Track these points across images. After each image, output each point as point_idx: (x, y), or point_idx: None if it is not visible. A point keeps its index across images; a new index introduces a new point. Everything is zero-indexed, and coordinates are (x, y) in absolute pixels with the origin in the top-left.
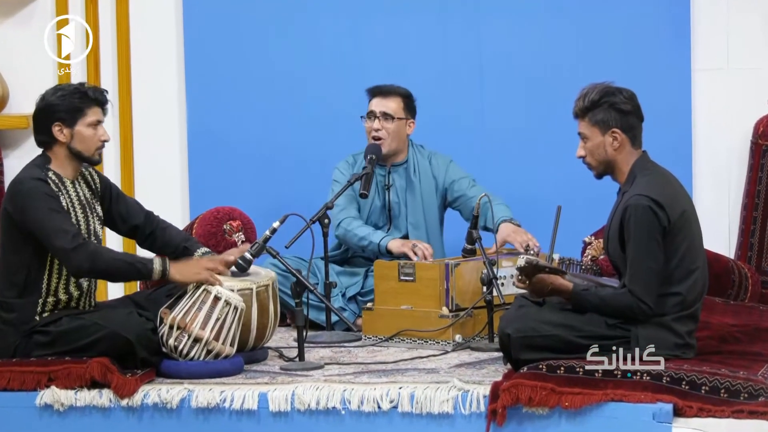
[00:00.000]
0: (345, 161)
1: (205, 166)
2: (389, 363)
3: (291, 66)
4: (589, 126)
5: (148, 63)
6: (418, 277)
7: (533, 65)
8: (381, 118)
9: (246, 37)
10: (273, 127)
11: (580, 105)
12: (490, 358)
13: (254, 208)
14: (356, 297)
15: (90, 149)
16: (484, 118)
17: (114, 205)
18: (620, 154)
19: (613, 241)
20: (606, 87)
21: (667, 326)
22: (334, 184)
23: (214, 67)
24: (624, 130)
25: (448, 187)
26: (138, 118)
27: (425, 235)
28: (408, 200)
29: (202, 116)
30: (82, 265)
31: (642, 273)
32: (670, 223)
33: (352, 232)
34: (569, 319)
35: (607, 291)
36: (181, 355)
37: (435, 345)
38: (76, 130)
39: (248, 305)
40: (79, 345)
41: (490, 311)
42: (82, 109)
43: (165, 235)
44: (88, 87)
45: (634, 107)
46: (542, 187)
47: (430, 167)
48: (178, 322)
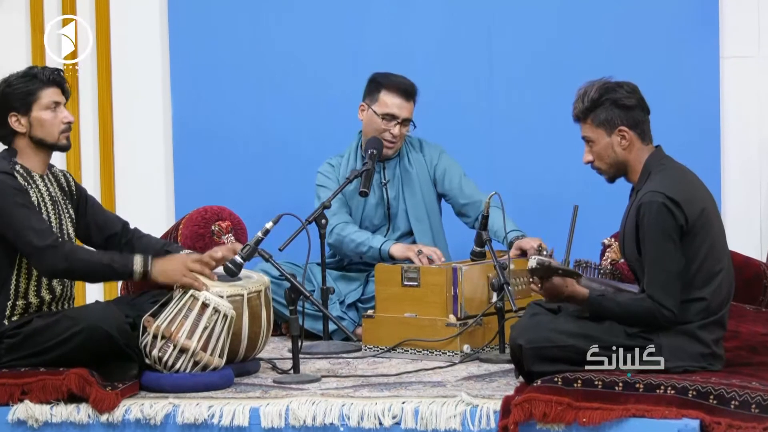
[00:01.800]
0: (328, 164)
1: (191, 161)
2: (391, 375)
3: (285, 53)
4: (593, 128)
5: (129, 50)
6: (423, 282)
7: (547, 54)
8: (402, 123)
9: (236, 23)
10: (266, 120)
11: (579, 106)
12: (501, 370)
13: (245, 207)
14: (356, 304)
15: (53, 134)
16: (492, 110)
17: (90, 214)
18: (631, 152)
19: (629, 243)
20: (604, 83)
21: (691, 334)
22: (320, 189)
23: (201, 54)
24: (631, 126)
25: (440, 176)
26: (118, 110)
27: (429, 229)
28: (406, 193)
29: (188, 107)
30: (55, 265)
31: (660, 276)
32: (688, 223)
33: (348, 238)
34: (587, 329)
35: (625, 296)
36: (165, 367)
37: (441, 356)
38: (32, 116)
39: (239, 313)
40: (52, 343)
41: (501, 319)
42: (33, 93)
43: (142, 243)
44: (38, 68)
45: (638, 100)
46: (557, 184)
47: (422, 156)
48: (163, 331)
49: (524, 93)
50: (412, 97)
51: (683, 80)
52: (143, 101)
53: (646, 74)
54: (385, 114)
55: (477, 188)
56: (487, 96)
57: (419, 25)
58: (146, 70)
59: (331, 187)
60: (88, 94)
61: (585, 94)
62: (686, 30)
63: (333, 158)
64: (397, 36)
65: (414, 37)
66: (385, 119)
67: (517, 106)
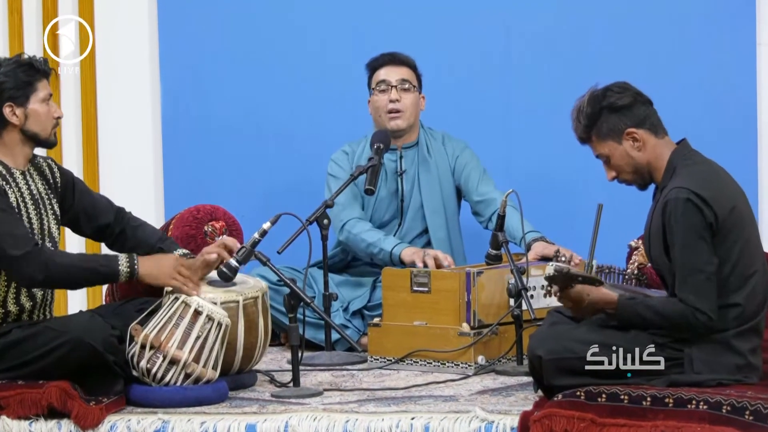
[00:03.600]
0: (341, 151)
1: (182, 156)
2: (400, 389)
3: (284, 38)
4: (601, 143)
5: (115, 33)
6: (434, 287)
7: (569, 41)
8: (399, 87)
9: (229, 6)
10: (263, 111)
11: (579, 127)
12: (518, 383)
13: (240, 206)
14: (361, 311)
15: (47, 129)
16: (509, 101)
17: (78, 202)
18: (648, 151)
19: (655, 245)
20: (592, 94)
21: (725, 344)
22: (331, 179)
23: (193, 40)
24: (637, 125)
25: (459, 168)
26: (103, 100)
27: (444, 223)
28: (423, 183)
29: (179, 97)
30: (34, 275)
31: (693, 278)
32: (718, 221)
33: (358, 237)
34: (611, 339)
35: (656, 299)
36: (154, 380)
37: (454, 368)
38: (29, 108)
39: (234, 321)
40: (32, 356)
41: (518, 328)
42: (32, 84)
43: (137, 234)
44: (32, 57)
45: (633, 96)
46: (579, 181)
47: (444, 148)
48: (152, 341)
49: (544, 81)
50: (403, 63)
51: (718, 68)
52: (129, 90)
53: (677, 63)
54: (376, 84)
55: (495, 187)
56: (504, 86)
57: (430, 8)
58: (133, 56)
59: (342, 177)
60: (70, 82)
61: (579, 112)
62: (721, 16)
63: (347, 145)
64: (405, 15)
65: (425, 21)
66: (379, 91)
67: (536, 96)
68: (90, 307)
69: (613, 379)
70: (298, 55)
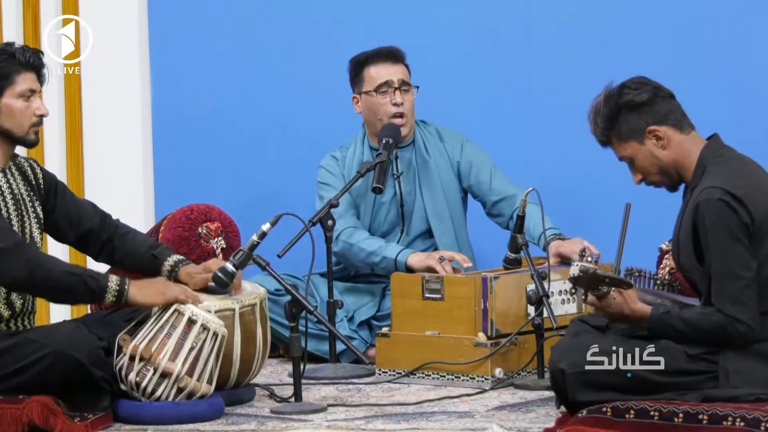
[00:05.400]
0: (331, 157)
1: (173, 152)
2: (410, 405)
3: (284, 26)
4: (623, 144)
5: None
6: (448, 294)
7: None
8: (400, 89)
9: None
10: (261, 103)
11: (597, 129)
12: (539, 398)
13: (237, 206)
14: (369, 322)
15: (22, 127)
16: (529, 92)
17: (60, 206)
18: (674, 149)
19: (685, 250)
20: (607, 93)
21: (764, 355)
22: (322, 188)
23: (185, 29)
24: (659, 122)
25: (465, 168)
26: (88, 92)
27: (451, 229)
28: (424, 187)
29: (170, 88)
30: (15, 273)
31: (730, 285)
32: (754, 223)
33: (357, 247)
34: None
35: (691, 311)
36: (144, 394)
37: (469, 382)
38: (2, 103)
39: (230, 330)
40: (11, 370)
41: (539, 339)
42: (9, 76)
43: (126, 242)
44: (17, 47)
45: (652, 90)
46: (605, 179)
47: (443, 144)
48: (142, 352)
49: (566, 73)
50: (400, 59)
51: (752, 55)
52: (117, 82)
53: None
54: (377, 87)
55: (509, 180)
56: (524, 77)
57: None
58: (122, 43)
59: (335, 184)
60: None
61: (595, 114)
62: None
63: (336, 150)
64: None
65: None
66: (380, 93)
67: (558, 87)
68: (74, 316)
69: (643, 394)
70: (299, 44)
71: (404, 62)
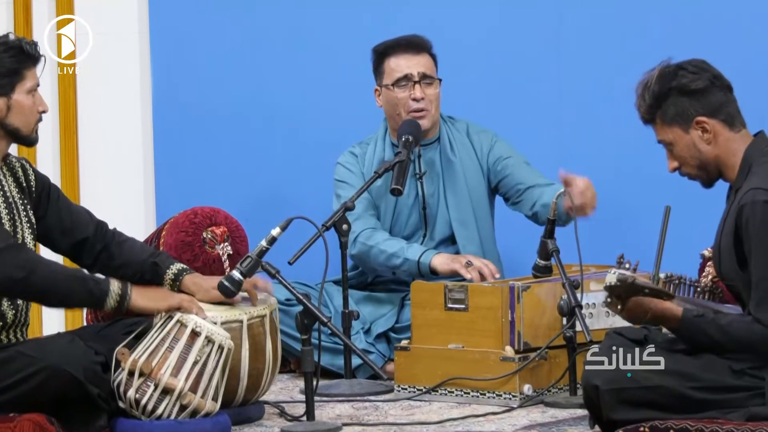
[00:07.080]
0: (349, 153)
1: (176, 151)
2: (432, 424)
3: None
4: (666, 127)
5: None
6: (473, 304)
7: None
8: (422, 82)
9: None
10: (268, 100)
11: (642, 105)
12: (571, 417)
13: (244, 209)
14: (387, 334)
15: (29, 124)
16: (561, 90)
17: (53, 212)
18: (719, 146)
19: (727, 256)
20: (663, 69)
21: None
22: (340, 187)
23: (188, 20)
24: (710, 114)
25: (492, 166)
26: (84, 86)
27: (476, 235)
28: (448, 188)
29: (172, 83)
30: (12, 273)
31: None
32: None
33: (376, 249)
34: (681, 364)
35: (728, 318)
36: (144, 412)
37: (495, 399)
38: (14, 99)
39: (237, 343)
40: (3, 385)
41: (571, 353)
42: (19, 71)
43: (123, 250)
44: (21, 40)
45: (711, 79)
46: (642, 181)
47: (470, 142)
48: (141, 367)
49: (600, 68)
50: (423, 49)
51: None
52: (115, 75)
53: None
54: (397, 80)
55: (542, 175)
56: (556, 73)
57: None
58: (121, 33)
59: (353, 182)
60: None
61: (645, 89)
62: None
63: (356, 146)
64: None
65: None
66: (399, 86)
67: (591, 83)
68: (69, 328)
69: (683, 412)
70: (309, 34)
71: (429, 52)
